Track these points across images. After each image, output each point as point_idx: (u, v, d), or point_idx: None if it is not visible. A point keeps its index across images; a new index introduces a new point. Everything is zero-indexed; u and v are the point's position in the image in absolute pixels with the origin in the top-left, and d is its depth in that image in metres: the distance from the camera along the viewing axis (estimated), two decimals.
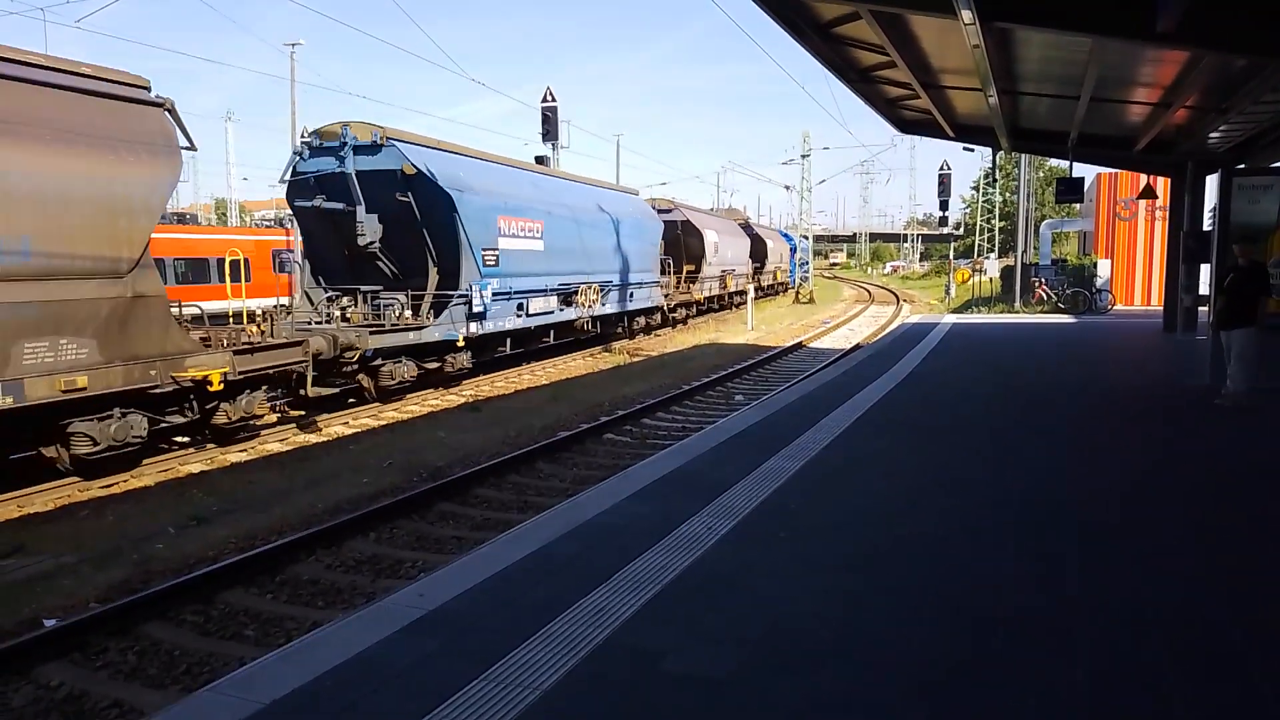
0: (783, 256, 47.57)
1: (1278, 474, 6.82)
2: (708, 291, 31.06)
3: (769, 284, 43.68)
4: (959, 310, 30.72)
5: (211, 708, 3.19)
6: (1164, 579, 4.44)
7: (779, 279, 46.18)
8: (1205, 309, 12.78)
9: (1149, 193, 20.20)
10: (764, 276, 42.19)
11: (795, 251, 50.02)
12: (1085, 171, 38.54)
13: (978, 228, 59.28)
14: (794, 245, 50.60)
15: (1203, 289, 15.67)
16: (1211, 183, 15.08)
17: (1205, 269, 14.47)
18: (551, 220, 18.33)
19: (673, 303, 27.05)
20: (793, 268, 49.39)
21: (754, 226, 43.91)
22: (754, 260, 39.09)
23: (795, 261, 49.65)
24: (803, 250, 50.42)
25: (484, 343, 16.14)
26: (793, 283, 48.18)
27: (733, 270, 34.54)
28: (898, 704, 3.18)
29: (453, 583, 4.37)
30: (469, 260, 15.00)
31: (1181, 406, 9.82)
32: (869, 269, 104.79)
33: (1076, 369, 13.32)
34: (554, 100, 27.21)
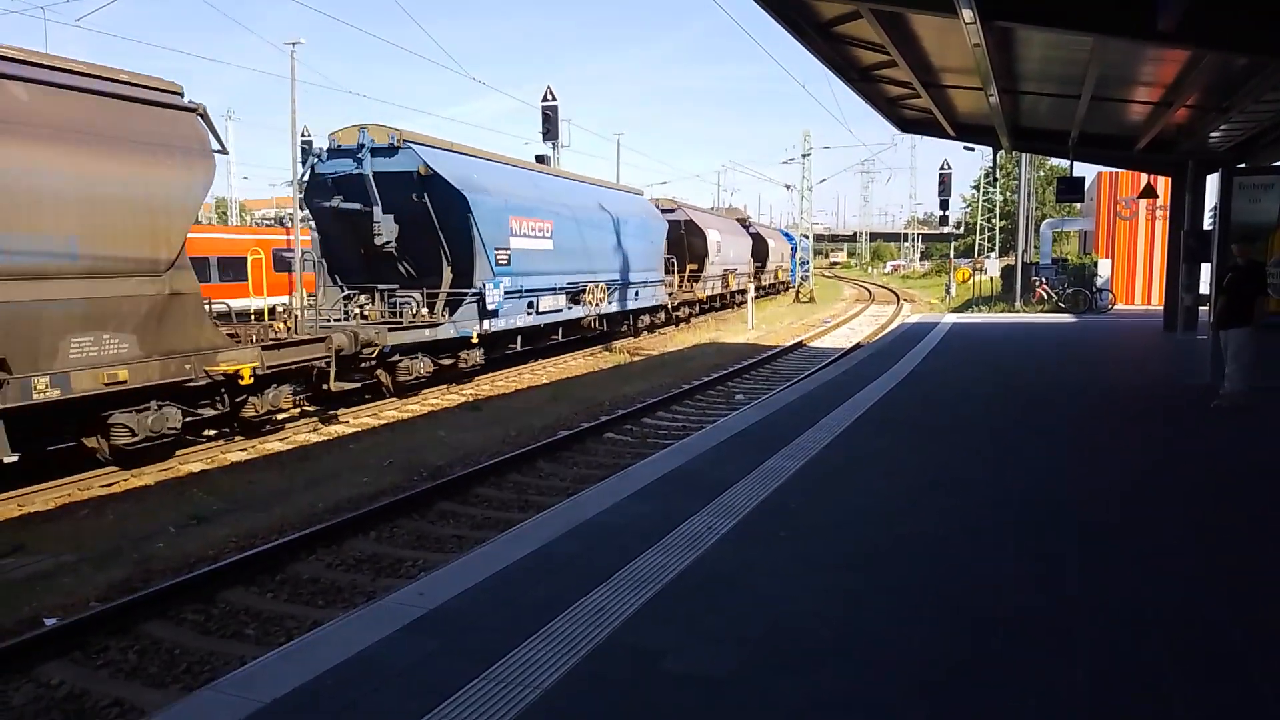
0: (784, 256, 47.62)
1: (1278, 474, 6.82)
2: (710, 290, 31.25)
3: (770, 283, 43.76)
4: (959, 310, 30.71)
5: (212, 706, 3.19)
6: (1164, 579, 4.44)
7: (780, 278, 46.27)
8: (1206, 308, 12.78)
9: (1149, 192, 20.17)
10: (765, 276, 42.33)
11: (796, 251, 50.02)
12: (1086, 171, 38.62)
13: (978, 227, 59.34)
14: (795, 244, 50.60)
15: (1203, 288, 15.67)
16: (1212, 182, 15.06)
17: (1206, 268, 14.46)
18: (560, 220, 18.57)
19: (676, 301, 27.26)
20: (793, 267, 49.40)
21: (755, 226, 43.94)
22: (756, 260, 39.18)
23: (796, 261, 49.65)
24: (803, 249, 50.41)
25: (496, 340, 16.41)
26: (793, 282, 48.19)
27: (735, 269, 34.67)
28: (898, 703, 3.18)
29: (453, 582, 4.37)
30: (482, 259, 15.27)
31: (1182, 406, 9.81)
32: (869, 268, 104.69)
33: (1077, 369, 13.32)
34: (554, 99, 27.25)
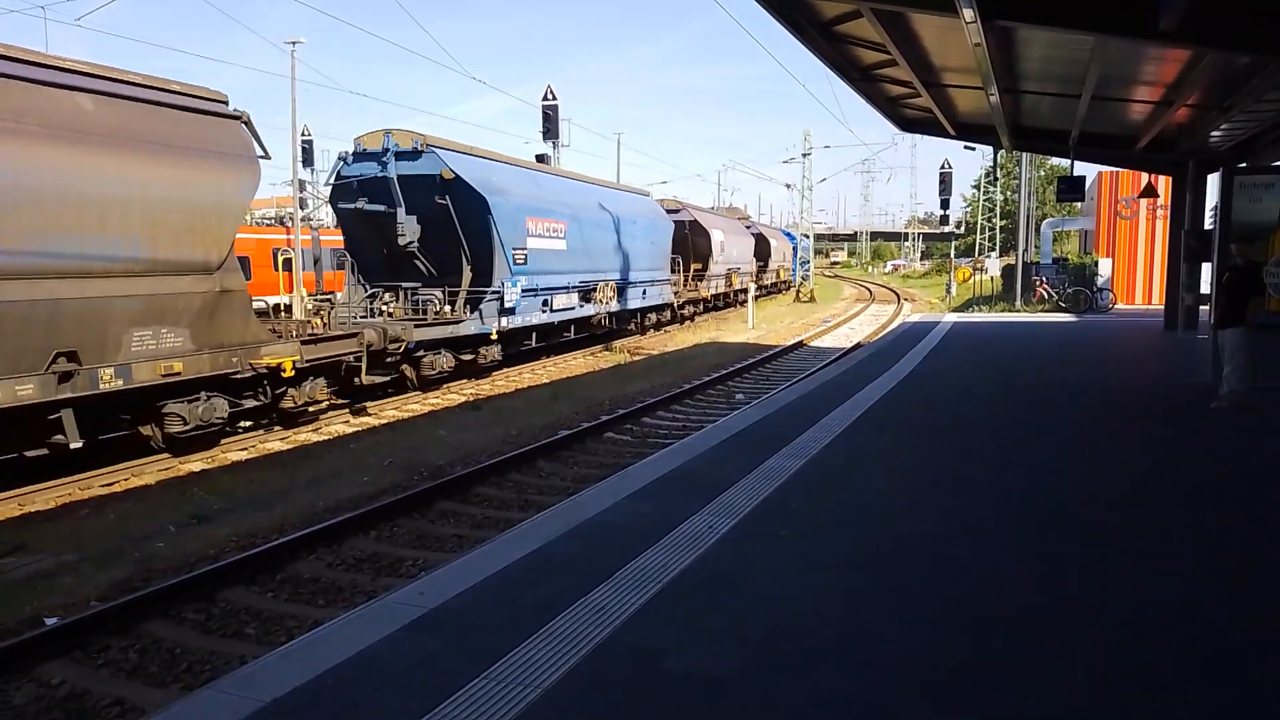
0: (785, 255, 47.73)
1: (1278, 474, 6.82)
2: (714, 289, 31.73)
3: (771, 282, 43.99)
4: (960, 309, 30.69)
5: (213, 706, 3.19)
6: (1164, 579, 4.44)
7: (781, 277, 46.49)
8: (1206, 308, 12.77)
9: (1150, 191, 20.14)
10: (767, 275, 42.59)
11: (797, 250, 50.02)
12: (1086, 170, 38.59)
13: (979, 226, 59.29)
14: (796, 244, 50.60)
15: (1204, 288, 15.65)
16: (1213, 181, 15.05)
17: (1206, 268, 14.44)
18: (574, 221, 19.17)
19: (681, 300, 27.79)
20: (794, 266, 49.41)
21: (757, 225, 44.05)
22: (758, 259, 39.41)
23: (797, 260, 49.65)
24: (804, 249, 50.38)
25: (513, 336, 17.06)
26: (794, 281, 48.22)
27: (738, 269, 35.01)
28: (899, 703, 3.18)
29: (453, 581, 4.37)
30: (501, 259, 15.84)
31: (1182, 406, 9.81)
32: (870, 268, 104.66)
33: (1077, 368, 13.31)
34: (555, 99, 27.29)
